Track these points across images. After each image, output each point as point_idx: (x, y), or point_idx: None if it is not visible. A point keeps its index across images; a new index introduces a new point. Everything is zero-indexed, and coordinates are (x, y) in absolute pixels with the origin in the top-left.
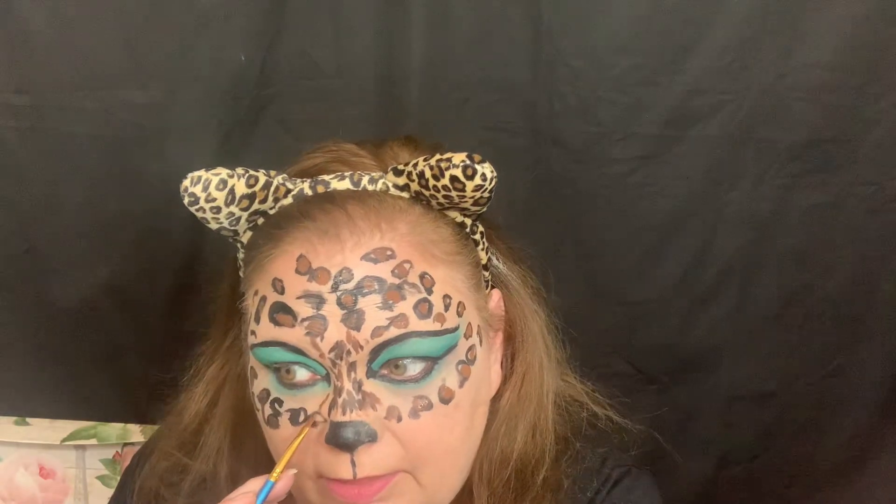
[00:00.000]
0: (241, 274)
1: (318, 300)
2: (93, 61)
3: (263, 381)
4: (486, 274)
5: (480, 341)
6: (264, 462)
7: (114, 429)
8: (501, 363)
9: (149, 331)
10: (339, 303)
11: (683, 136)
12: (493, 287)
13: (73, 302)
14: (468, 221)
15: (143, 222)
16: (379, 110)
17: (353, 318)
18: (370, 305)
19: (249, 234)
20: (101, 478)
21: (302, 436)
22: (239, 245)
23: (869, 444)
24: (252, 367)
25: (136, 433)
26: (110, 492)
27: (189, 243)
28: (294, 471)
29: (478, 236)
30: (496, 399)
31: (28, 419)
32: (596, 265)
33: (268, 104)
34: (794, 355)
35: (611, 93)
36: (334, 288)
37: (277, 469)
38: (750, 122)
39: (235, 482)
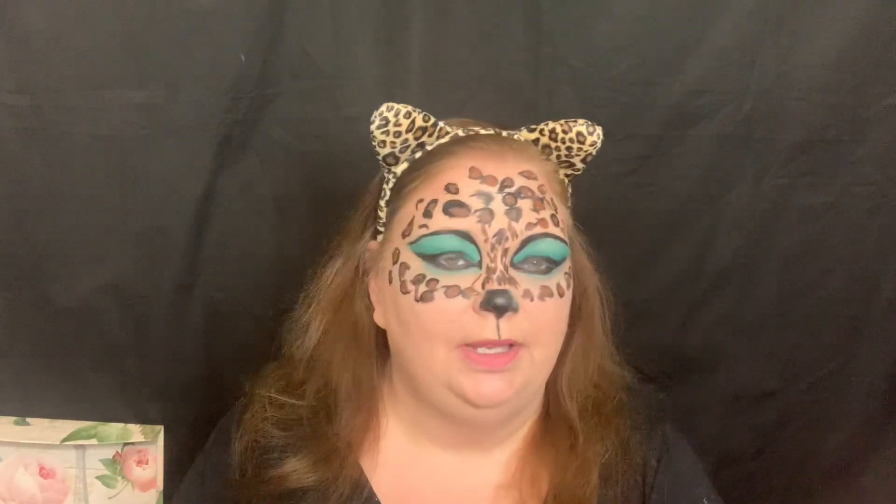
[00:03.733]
0: (382, 202)
1: (488, 197)
2: (93, 61)
3: (418, 268)
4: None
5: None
6: (367, 378)
7: (114, 429)
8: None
9: (149, 331)
10: (504, 200)
11: (683, 136)
12: None
13: (73, 302)
14: (566, 181)
15: (143, 222)
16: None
17: (513, 212)
18: (525, 206)
19: (405, 165)
20: (101, 478)
21: None
22: (391, 175)
23: (869, 444)
24: (402, 263)
25: (136, 433)
26: (110, 492)
27: (189, 243)
28: None
29: (569, 196)
30: (569, 334)
31: (28, 419)
32: (596, 265)
33: (268, 104)
34: (794, 355)
35: (611, 93)
36: (501, 189)
37: None
38: (750, 122)
39: (348, 395)
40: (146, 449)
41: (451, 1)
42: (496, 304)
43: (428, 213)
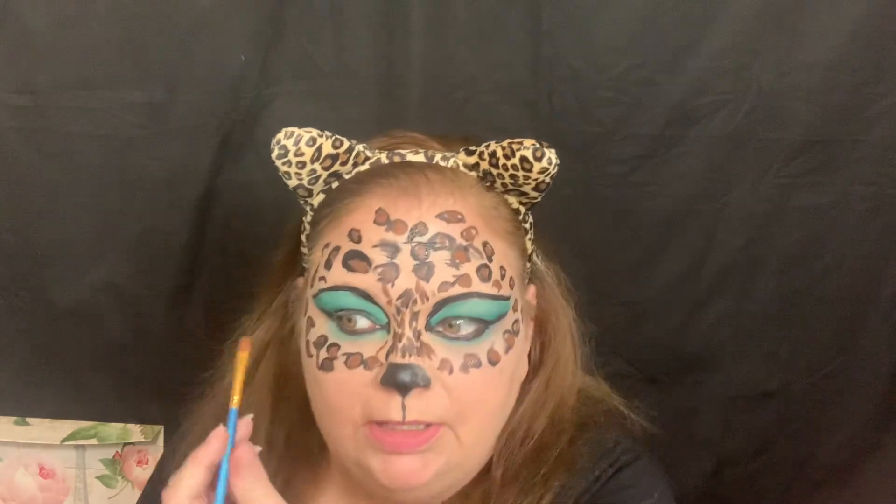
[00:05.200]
0: (303, 238)
1: (394, 249)
2: (93, 61)
3: (322, 328)
4: (528, 265)
5: (522, 319)
6: (300, 427)
7: (114, 429)
8: (529, 354)
9: (149, 331)
10: (413, 253)
11: (683, 136)
12: (530, 281)
13: (73, 302)
14: (522, 209)
15: (143, 222)
16: (379, 110)
17: (423, 269)
18: (440, 260)
19: (321, 196)
20: (101, 478)
21: (244, 364)
22: (308, 208)
23: (869, 444)
24: (309, 318)
25: (136, 433)
26: (110, 492)
27: (189, 243)
28: (251, 415)
29: (528, 226)
30: (525, 385)
31: (28, 419)
32: (596, 265)
33: (268, 104)
34: (794, 355)
35: (611, 93)
36: (409, 239)
37: (235, 395)
38: (750, 122)
39: (273, 446)
40: (146, 449)
41: (451, 1)
42: (397, 382)
43: (328, 264)
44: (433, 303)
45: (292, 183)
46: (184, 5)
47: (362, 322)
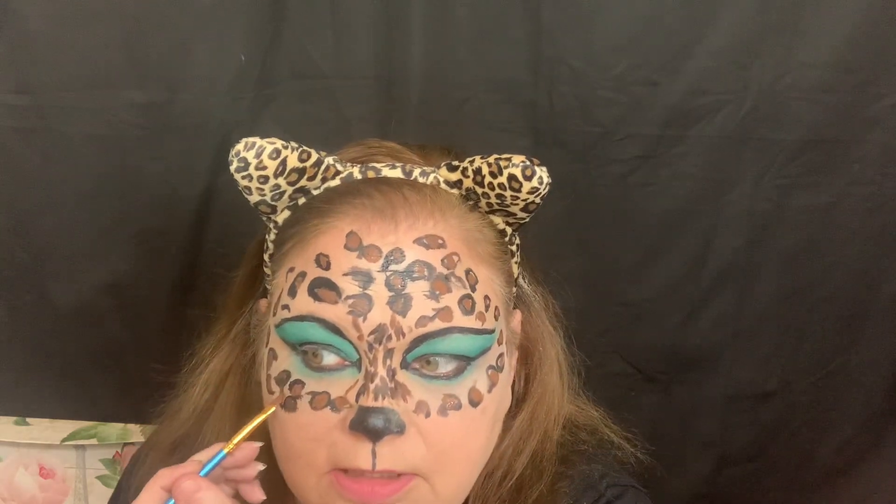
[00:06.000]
0: (265, 257)
1: (366, 278)
2: (93, 61)
3: (285, 362)
4: (514, 290)
5: (507, 351)
6: (264, 459)
7: (114, 429)
8: (513, 385)
9: (149, 331)
10: (388, 283)
11: (683, 136)
12: (515, 307)
13: (73, 302)
14: (509, 231)
15: (143, 222)
16: (379, 110)
17: (399, 301)
18: (418, 291)
19: (286, 213)
20: (101, 478)
21: (269, 411)
22: (272, 225)
23: (869, 444)
24: (272, 349)
25: (136, 433)
26: (110, 492)
27: (189, 243)
28: (260, 443)
29: (514, 248)
30: (508, 420)
31: (28, 419)
32: (596, 265)
33: (268, 104)
34: (794, 355)
35: (611, 93)
36: (384, 267)
37: (234, 440)
38: (750, 122)
39: None
40: None
41: (451, 1)
42: (369, 428)
43: (293, 291)
44: (410, 339)
45: (253, 199)
46: (184, 5)
47: (330, 358)
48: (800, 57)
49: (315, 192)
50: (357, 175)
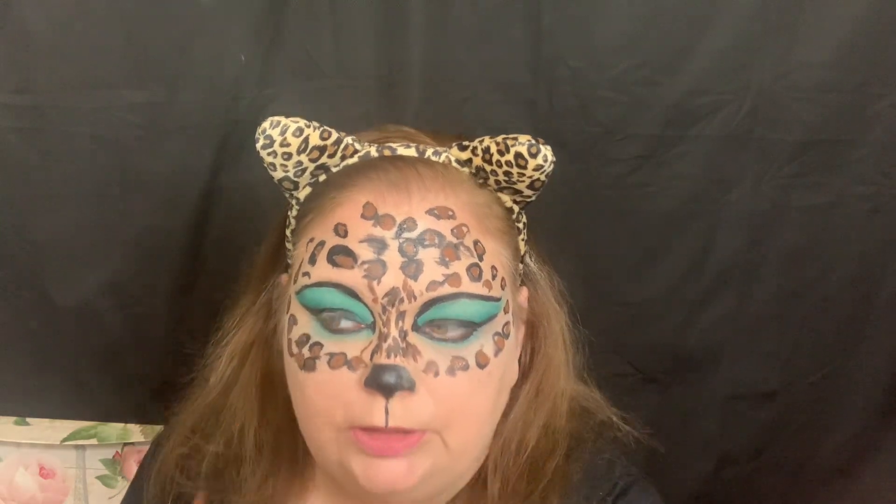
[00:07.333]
0: (287, 232)
1: (381, 245)
2: (93, 61)
3: (305, 326)
4: (521, 267)
5: (513, 322)
6: (286, 430)
7: (114, 429)
8: (519, 359)
9: (149, 331)
10: (401, 250)
11: (683, 136)
12: (522, 283)
13: (73, 302)
14: (516, 209)
15: (143, 222)
16: (379, 110)
17: (412, 266)
18: (429, 258)
19: (307, 190)
20: (101, 478)
21: None
22: (294, 202)
23: (869, 444)
24: (292, 315)
25: (136, 433)
26: (110, 492)
27: (189, 243)
28: None
29: (521, 225)
30: (515, 390)
31: (28, 419)
32: (596, 265)
33: (268, 104)
34: (794, 355)
35: (611, 93)
36: (398, 235)
37: None
38: (750, 122)
39: (261, 451)
40: (146, 449)
41: (451, 1)
42: (382, 384)
43: (313, 259)
44: (421, 302)
45: (277, 175)
46: (184, 5)
47: (347, 323)
48: (800, 57)
49: (334, 170)
50: (374, 153)
